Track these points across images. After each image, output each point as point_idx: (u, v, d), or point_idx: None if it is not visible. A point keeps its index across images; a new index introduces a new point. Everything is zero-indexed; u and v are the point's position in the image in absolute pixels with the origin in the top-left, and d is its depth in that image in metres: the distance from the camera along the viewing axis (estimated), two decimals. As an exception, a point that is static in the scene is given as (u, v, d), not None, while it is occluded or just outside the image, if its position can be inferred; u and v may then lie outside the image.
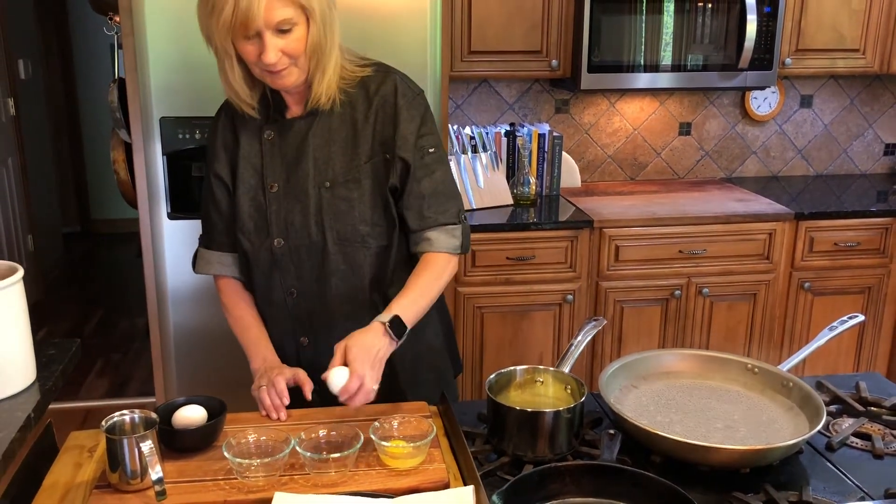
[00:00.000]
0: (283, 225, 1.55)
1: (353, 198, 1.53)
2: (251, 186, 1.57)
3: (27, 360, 1.39)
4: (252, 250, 1.59)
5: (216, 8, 1.38)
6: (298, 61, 1.44)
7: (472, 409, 1.53)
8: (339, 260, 1.55)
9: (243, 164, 1.57)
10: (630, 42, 2.94)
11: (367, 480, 1.27)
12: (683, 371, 1.57)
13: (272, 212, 1.56)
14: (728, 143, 3.54)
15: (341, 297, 1.58)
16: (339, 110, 1.54)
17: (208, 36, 1.45)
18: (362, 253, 1.56)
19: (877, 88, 3.57)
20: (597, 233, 2.88)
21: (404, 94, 1.54)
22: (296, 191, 1.54)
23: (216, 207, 1.63)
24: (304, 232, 1.55)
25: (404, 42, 2.47)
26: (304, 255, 1.56)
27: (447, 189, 1.57)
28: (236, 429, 1.36)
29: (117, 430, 1.27)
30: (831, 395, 1.58)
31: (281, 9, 1.38)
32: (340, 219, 1.53)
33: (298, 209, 1.54)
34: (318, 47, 1.45)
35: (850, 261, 3.05)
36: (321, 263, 1.56)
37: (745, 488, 1.26)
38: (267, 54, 1.40)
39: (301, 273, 1.58)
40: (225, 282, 1.68)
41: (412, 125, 1.53)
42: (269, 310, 1.63)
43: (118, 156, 3.02)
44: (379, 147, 1.54)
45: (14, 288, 1.33)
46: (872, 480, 1.29)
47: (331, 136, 1.54)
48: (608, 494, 1.21)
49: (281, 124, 1.56)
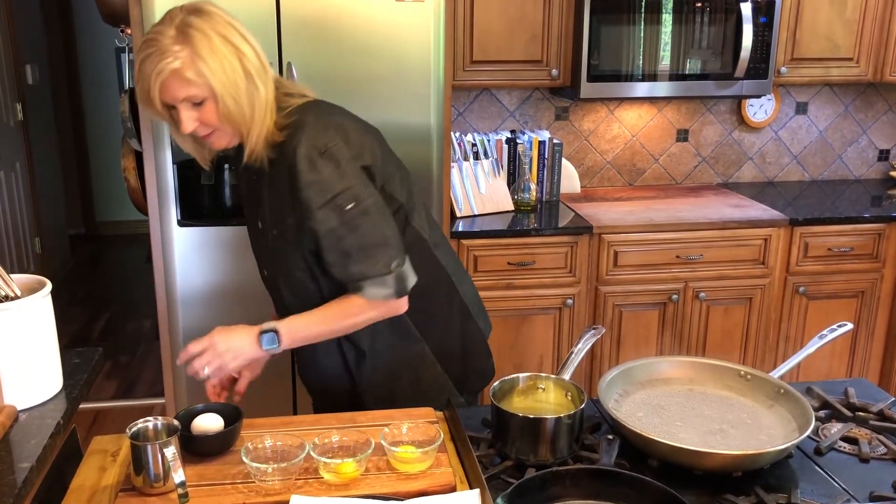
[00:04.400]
0: (260, 259, 1.75)
1: (286, 248, 1.62)
2: (248, 218, 1.75)
3: (55, 369, 1.46)
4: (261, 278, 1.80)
5: (137, 84, 1.48)
6: (221, 127, 1.50)
7: (476, 415, 1.59)
8: (289, 293, 1.69)
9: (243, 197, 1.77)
10: (629, 51, 3.01)
11: (378, 484, 1.33)
12: (679, 378, 1.63)
13: (254, 245, 1.76)
14: (724, 149, 3.60)
15: None
16: (270, 168, 1.57)
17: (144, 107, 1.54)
18: (308, 290, 1.65)
19: (870, 96, 3.63)
20: (596, 238, 2.94)
21: (306, 157, 1.49)
22: (256, 231, 1.70)
23: None
24: (266, 266, 1.73)
25: (408, 52, 2.53)
26: (274, 289, 1.73)
27: (374, 240, 1.53)
28: (253, 434, 1.42)
29: (141, 436, 1.33)
30: (820, 401, 1.64)
31: (181, 88, 1.44)
32: (279, 263, 1.66)
33: (261, 245, 1.71)
34: (231, 120, 1.48)
35: (843, 266, 3.11)
36: (280, 297, 1.71)
37: (737, 491, 1.32)
38: (183, 125, 1.49)
39: (280, 303, 1.74)
40: None
41: (314, 191, 1.49)
42: None
43: (128, 164, 3.08)
44: (297, 210, 1.55)
45: (44, 301, 1.39)
46: (859, 484, 1.35)
47: (272, 186, 1.59)
48: (607, 497, 1.26)
49: (244, 167, 1.63)
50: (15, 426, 1.35)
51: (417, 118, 2.59)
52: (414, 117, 2.59)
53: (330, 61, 2.51)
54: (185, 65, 1.41)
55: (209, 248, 2.53)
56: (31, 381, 1.40)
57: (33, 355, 1.40)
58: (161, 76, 1.42)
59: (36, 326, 1.39)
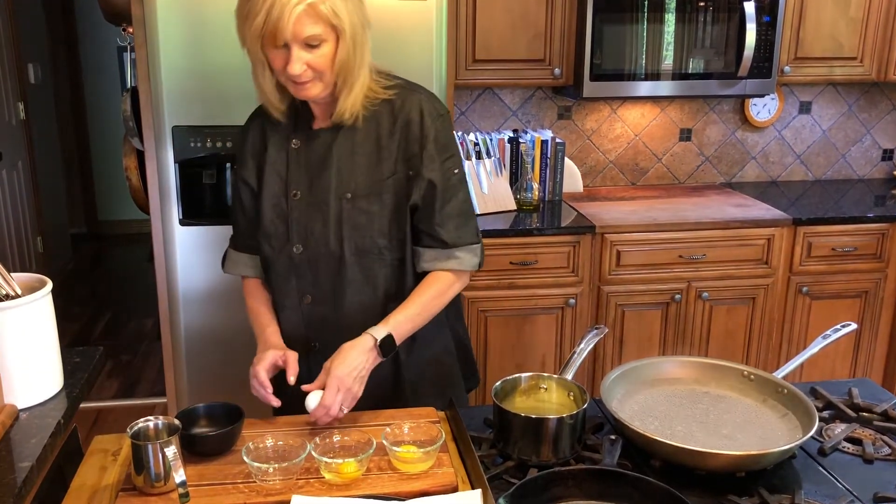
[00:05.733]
0: (304, 232, 1.60)
1: (374, 211, 1.57)
2: (274, 193, 1.61)
3: (55, 368, 1.45)
4: (272, 255, 1.64)
5: (250, 15, 1.41)
6: (323, 76, 1.48)
7: (478, 415, 1.58)
8: (356, 271, 1.60)
9: (269, 170, 1.62)
10: (631, 51, 3.00)
11: (380, 484, 1.32)
12: (681, 378, 1.63)
13: (293, 219, 1.60)
14: (728, 148, 3.59)
15: (355, 308, 1.62)
16: (364, 125, 1.57)
17: (242, 39, 1.48)
18: (378, 265, 1.60)
19: (874, 95, 3.62)
20: (598, 238, 2.93)
21: (431, 113, 1.57)
22: (317, 200, 1.58)
23: (243, 211, 1.69)
24: (322, 241, 1.59)
25: (410, 51, 2.52)
26: (322, 264, 1.60)
27: (469, 209, 1.63)
28: (254, 433, 1.42)
29: (142, 435, 1.33)
30: (824, 401, 1.63)
31: (311, 25, 1.41)
32: (359, 230, 1.57)
33: (319, 218, 1.58)
34: (345, 66, 1.48)
35: (847, 266, 3.10)
36: (337, 273, 1.60)
37: (741, 492, 1.31)
38: (292, 66, 1.43)
39: (318, 280, 1.62)
40: (248, 283, 1.75)
41: (439, 146, 1.57)
42: (282, 313, 1.67)
43: (130, 163, 3.07)
44: (402, 164, 1.57)
45: (44, 300, 1.39)
46: (862, 484, 1.34)
47: (354, 150, 1.57)
48: (609, 497, 1.26)
49: (307, 134, 1.60)
50: (15, 425, 1.34)
51: (419, 117, 2.58)
52: (416, 116, 2.58)
53: (332, 60, 2.50)
54: (322, 1, 1.40)
55: (211, 248, 2.53)
56: (32, 381, 1.40)
57: (34, 354, 1.39)
58: (299, 8, 1.38)
59: (36, 325, 1.39)
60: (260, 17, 1.39)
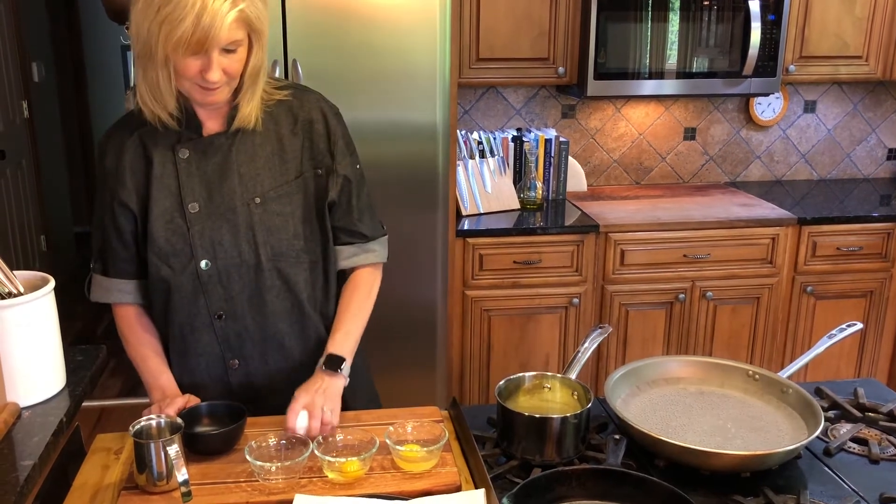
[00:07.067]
0: (210, 246, 1.50)
1: (286, 213, 1.52)
2: (166, 209, 1.50)
3: (58, 366, 1.45)
4: (172, 276, 1.51)
5: (170, 20, 1.31)
6: (234, 81, 1.43)
7: (481, 414, 1.58)
8: (274, 276, 1.53)
9: (157, 186, 1.49)
10: (636, 49, 2.99)
11: (383, 483, 1.32)
12: (686, 377, 1.62)
13: (195, 233, 1.49)
14: (732, 147, 3.58)
15: (277, 315, 1.55)
16: (262, 128, 1.51)
17: (150, 44, 1.35)
18: (297, 269, 1.55)
19: (880, 94, 3.61)
20: (602, 237, 2.93)
21: (331, 112, 1.58)
22: (221, 210, 1.50)
23: (119, 235, 1.54)
24: (234, 251, 1.50)
25: (414, 50, 2.52)
26: (235, 276, 1.52)
27: (373, 202, 1.67)
28: (257, 432, 1.42)
29: (144, 434, 1.32)
30: (830, 401, 1.63)
31: (235, 30, 1.36)
32: (274, 234, 1.51)
33: (226, 228, 1.50)
34: (255, 69, 1.44)
35: (852, 265, 3.09)
36: (254, 281, 1.53)
37: (746, 492, 1.31)
38: (212, 72, 1.37)
39: (231, 294, 1.53)
40: (124, 310, 1.62)
41: (346, 142, 1.59)
42: (192, 336, 1.56)
43: (133, 161, 3.07)
44: (308, 163, 1.54)
45: (47, 298, 1.39)
46: (868, 485, 1.34)
47: (255, 153, 1.51)
48: (613, 497, 1.26)
49: (197, 142, 1.50)
50: (18, 423, 1.34)
51: (423, 116, 2.58)
52: (420, 115, 2.58)
53: (335, 59, 2.50)
54: (248, 5, 1.37)
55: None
56: (35, 379, 1.40)
57: (36, 352, 1.39)
58: (231, 14, 1.33)
59: (39, 323, 1.39)
60: (188, 24, 1.30)
